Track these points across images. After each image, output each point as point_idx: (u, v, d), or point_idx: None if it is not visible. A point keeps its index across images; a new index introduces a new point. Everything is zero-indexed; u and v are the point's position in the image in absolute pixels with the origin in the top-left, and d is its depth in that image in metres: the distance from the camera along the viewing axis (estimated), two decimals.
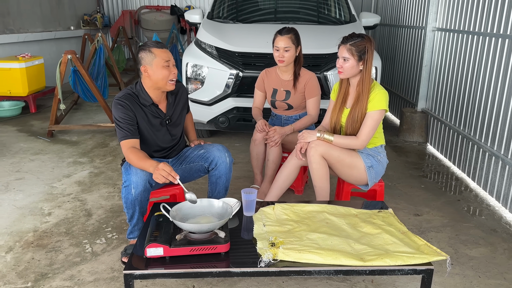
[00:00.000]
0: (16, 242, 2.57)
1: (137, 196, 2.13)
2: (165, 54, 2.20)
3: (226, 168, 2.44)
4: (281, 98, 3.07)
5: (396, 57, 5.70)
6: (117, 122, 2.20)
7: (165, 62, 2.19)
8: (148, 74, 2.21)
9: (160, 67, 2.18)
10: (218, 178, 2.45)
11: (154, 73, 2.20)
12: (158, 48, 2.19)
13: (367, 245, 1.80)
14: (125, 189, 2.14)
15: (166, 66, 2.19)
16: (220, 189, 2.49)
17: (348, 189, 2.65)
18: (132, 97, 2.25)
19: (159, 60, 2.18)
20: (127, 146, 2.17)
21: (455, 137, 3.90)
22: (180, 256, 1.69)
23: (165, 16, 9.46)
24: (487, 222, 2.88)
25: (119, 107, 2.20)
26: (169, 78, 2.22)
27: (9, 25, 6.40)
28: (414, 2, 5.07)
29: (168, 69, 2.20)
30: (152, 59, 2.18)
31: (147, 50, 2.18)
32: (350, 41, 2.39)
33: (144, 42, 2.30)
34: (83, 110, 5.94)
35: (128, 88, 2.30)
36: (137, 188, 2.12)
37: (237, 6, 4.80)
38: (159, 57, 2.17)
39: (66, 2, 8.19)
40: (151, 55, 2.17)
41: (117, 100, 2.23)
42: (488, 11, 3.38)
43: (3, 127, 5.00)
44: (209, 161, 2.43)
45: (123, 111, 2.20)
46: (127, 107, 2.21)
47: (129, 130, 2.19)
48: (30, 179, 3.50)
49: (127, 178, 2.13)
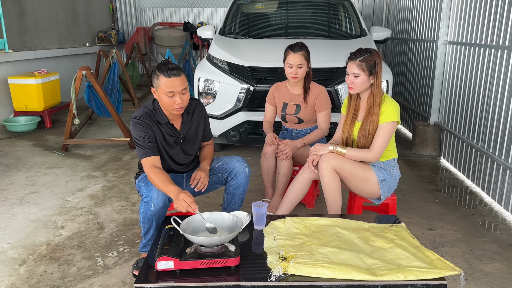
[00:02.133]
0: (30, 255, 2.60)
1: (156, 212, 2.14)
2: (170, 83, 2.11)
3: (245, 179, 2.46)
4: (292, 112, 3.08)
5: (408, 71, 5.69)
6: (136, 141, 2.21)
7: (169, 92, 2.12)
8: (157, 96, 2.21)
9: (163, 94, 2.15)
10: (235, 188, 2.46)
11: (160, 98, 2.18)
12: (165, 76, 2.11)
13: (379, 260, 1.78)
14: (144, 204, 2.14)
15: (170, 96, 2.14)
16: (236, 200, 2.50)
17: (360, 203, 2.63)
18: (149, 115, 2.25)
19: (163, 89, 2.13)
20: (148, 165, 2.17)
21: (468, 150, 3.86)
22: (190, 269, 1.69)
23: (178, 32, 9.62)
24: (502, 236, 2.83)
25: (138, 126, 2.21)
26: (172, 107, 2.18)
27: (27, 42, 6.57)
28: (425, 15, 5.07)
29: (171, 99, 2.14)
30: (158, 85, 2.15)
31: (156, 75, 2.15)
32: (359, 57, 2.39)
33: (162, 63, 2.19)
34: (97, 124, 6.03)
35: (145, 106, 2.30)
36: (157, 204, 2.13)
37: (248, 22, 4.87)
38: (164, 86, 2.12)
39: (81, 19, 8.39)
40: (158, 81, 2.14)
41: (135, 119, 2.23)
42: (500, 24, 3.36)
43: (19, 141, 5.10)
44: (228, 171, 2.45)
45: (142, 129, 2.20)
46: (145, 125, 2.21)
47: (149, 147, 2.20)
48: (44, 193, 3.55)
49: (148, 194, 2.13)
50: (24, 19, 6.52)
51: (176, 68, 2.15)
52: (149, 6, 10.37)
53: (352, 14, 4.83)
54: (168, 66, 2.13)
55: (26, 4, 6.56)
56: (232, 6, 5.02)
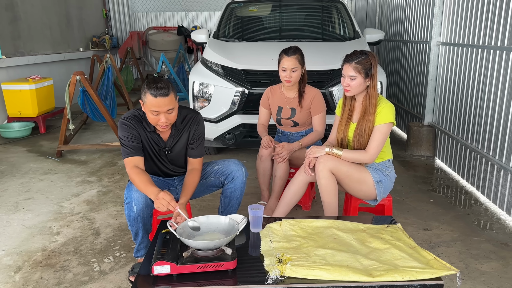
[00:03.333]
0: (25, 262, 2.58)
1: (139, 212, 2.14)
2: (156, 103, 2.04)
3: (242, 182, 2.45)
4: (287, 116, 3.09)
5: (402, 72, 5.72)
6: (121, 140, 2.21)
7: (153, 111, 2.07)
8: (144, 109, 2.16)
9: (149, 112, 2.11)
10: (233, 191, 2.46)
11: (146, 112, 2.14)
12: (152, 95, 2.04)
13: (375, 261, 1.78)
14: (126, 206, 2.15)
15: (155, 115, 2.09)
16: (233, 203, 2.49)
17: (356, 204, 2.64)
18: (138, 118, 2.24)
19: (148, 107, 2.08)
20: (130, 165, 2.16)
21: (463, 150, 3.88)
22: (187, 273, 1.68)
23: (172, 36, 9.62)
24: (498, 236, 2.84)
25: (123, 127, 2.20)
26: (156, 124, 2.14)
27: (20, 48, 6.55)
28: (418, 17, 5.11)
29: (156, 117, 2.10)
30: (144, 101, 2.10)
31: (144, 90, 2.08)
32: (355, 59, 2.39)
33: (153, 78, 2.10)
34: (91, 129, 6.01)
35: (135, 109, 2.29)
36: (138, 204, 2.13)
37: (242, 25, 4.87)
38: (149, 104, 2.06)
39: (75, 24, 8.37)
40: (145, 97, 2.08)
41: (122, 119, 2.23)
42: (492, 24, 3.39)
43: (13, 147, 5.07)
44: (226, 174, 2.44)
45: (127, 129, 2.20)
46: (131, 126, 2.20)
47: (132, 147, 2.18)
48: (39, 199, 3.53)
49: (128, 195, 2.14)
50: (17, 24, 6.50)
51: (165, 87, 2.05)
52: (142, 10, 10.37)
53: (345, 16, 4.86)
54: (157, 85, 2.04)
55: (19, 10, 6.54)
56: (226, 9, 5.02)
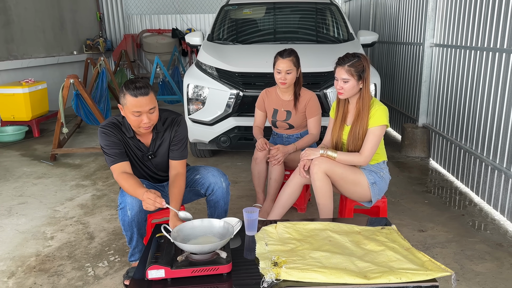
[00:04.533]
0: (19, 267, 2.56)
1: (133, 217, 2.13)
2: (137, 103, 2.01)
3: (223, 193, 2.39)
4: (282, 118, 3.09)
5: (396, 74, 5.74)
6: (103, 149, 2.17)
7: (135, 112, 2.04)
8: (123, 113, 2.12)
9: (129, 113, 2.06)
10: (216, 202, 2.42)
11: (127, 116, 2.10)
12: (132, 95, 2.01)
13: (370, 263, 1.78)
14: (121, 211, 2.13)
15: (137, 116, 2.05)
16: (219, 212, 2.45)
17: (351, 206, 2.64)
18: (115, 125, 2.19)
19: (129, 108, 2.04)
20: (117, 172, 2.13)
21: (457, 151, 3.90)
22: (182, 277, 1.67)
23: (167, 39, 9.60)
24: (492, 236, 2.85)
25: (103, 135, 2.16)
26: (139, 126, 2.10)
27: (13, 51, 6.51)
28: (411, 19, 5.13)
29: (138, 118, 2.06)
30: (124, 103, 2.06)
31: (123, 92, 2.05)
32: (347, 62, 2.40)
33: (129, 80, 2.08)
34: (86, 133, 5.98)
35: (113, 116, 2.24)
36: (132, 209, 2.11)
37: (236, 28, 4.88)
38: (130, 105, 2.03)
39: (69, 27, 8.34)
40: (124, 99, 2.04)
41: (100, 128, 2.18)
42: (484, 26, 3.41)
43: (6, 151, 5.03)
44: (205, 187, 2.38)
45: (107, 138, 2.15)
46: (110, 134, 2.16)
47: (116, 154, 2.14)
48: (33, 203, 3.51)
49: (122, 200, 2.12)
50: (10, 28, 6.46)
51: (144, 86, 2.04)
52: (137, 13, 10.35)
53: (339, 18, 4.87)
54: (136, 85, 2.02)
55: (12, 13, 6.50)
56: (220, 12, 5.02)
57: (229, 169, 4.24)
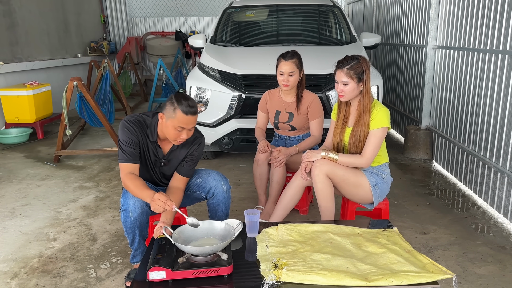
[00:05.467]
0: (21, 268, 2.57)
1: (135, 219, 2.13)
2: (186, 121, 2.04)
3: (224, 197, 2.39)
4: (284, 120, 3.09)
5: (398, 76, 5.73)
6: (120, 144, 2.17)
7: (180, 127, 2.06)
8: (162, 122, 2.13)
9: (171, 127, 2.07)
10: (216, 206, 2.42)
11: (166, 127, 2.10)
12: (183, 113, 2.03)
13: (372, 265, 1.78)
14: (123, 213, 2.14)
15: (178, 130, 2.09)
16: (220, 216, 2.45)
17: (353, 208, 2.64)
18: (141, 124, 2.20)
19: (175, 122, 2.05)
20: (125, 171, 2.13)
21: (460, 153, 3.89)
22: (183, 279, 1.68)
23: (170, 41, 9.64)
24: (495, 239, 2.84)
25: (125, 130, 2.16)
26: (174, 139, 2.13)
27: (18, 54, 6.55)
28: (414, 21, 5.13)
29: (179, 132, 2.09)
30: (170, 116, 2.06)
31: (173, 106, 2.04)
32: (346, 65, 2.40)
33: (182, 94, 2.09)
34: (89, 135, 6.01)
35: (143, 114, 2.24)
36: (134, 211, 2.12)
37: (239, 30, 4.89)
38: (178, 121, 2.04)
39: (73, 30, 8.39)
40: (173, 113, 2.04)
41: (125, 122, 2.17)
42: (487, 28, 3.41)
43: (11, 153, 5.06)
44: (206, 190, 2.39)
45: (128, 135, 2.15)
46: (133, 132, 2.16)
47: (130, 153, 2.15)
48: (36, 205, 3.52)
49: (125, 202, 2.13)
50: (15, 30, 6.50)
51: (195, 106, 2.08)
52: (140, 15, 10.39)
53: (342, 20, 4.88)
54: (189, 103, 2.04)
55: (16, 16, 6.55)
56: (223, 14, 5.04)
57: (231, 171, 4.25)
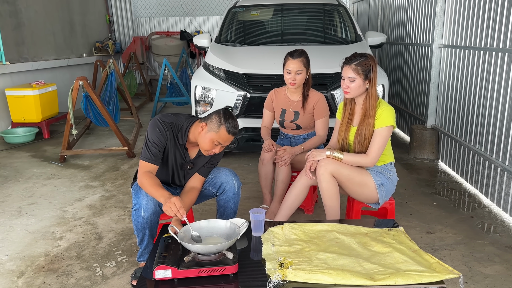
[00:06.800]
0: (28, 267, 2.59)
1: (147, 219, 2.14)
2: (226, 138, 2.12)
3: (234, 193, 2.42)
4: (290, 119, 3.09)
5: (404, 75, 5.71)
6: (147, 141, 2.16)
7: (218, 142, 2.13)
8: (200, 131, 2.16)
9: (210, 140, 2.12)
10: (226, 202, 2.43)
11: (203, 137, 2.13)
12: (227, 131, 2.10)
13: (377, 264, 1.77)
14: (135, 212, 2.14)
15: (216, 145, 2.14)
16: (228, 213, 2.47)
17: (358, 208, 2.63)
18: (174, 127, 2.21)
19: (215, 137, 2.11)
20: (144, 169, 2.14)
21: (466, 153, 3.86)
22: (188, 278, 1.68)
23: (175, 41, 9.65)
24: (502, 239, 2.82)
25: (156, 130, 2.15)
26: (206, 150, 2.17)
27: (24, 54, 6.59)
28: (419, 20, 5.11)
29: (214, 147, 2.15)
30: (213, 130, 2.11)
31: (220, 122, 2.10)
32: (354, 61, 2.40)
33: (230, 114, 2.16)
34: (95, 134, 6.03)
35: (179, 116, 2.25)
36: (147, 211, 2.13)
37: (244, 30, 4.89)
38: (219, 137, 2.11)
39: (78, 30, 8.42)
40: (218, 128, 2.10)
41: (158, 121, 2.17)
42: (493, 26, 3.39)
43: (17, 153, 5.09)
44: (217, 186, 2.41)
45: (159, 135, 2.15)
46: (164, 133, 2.16)
47: (155, 154, 2.15)
48: (43, 204, 3.54)
49: (138, 201, 2.14)
50: (21, 30, 6.54)
51: (237, 126, 2.16)
52: (145, 15, 10.42)
53: (347, 19, 4.87)
54: (235, 124, 2.13)
55: (22, 16, 6.58)
56: (228, 14, 5.04)
57: (236, 170, 4.25)
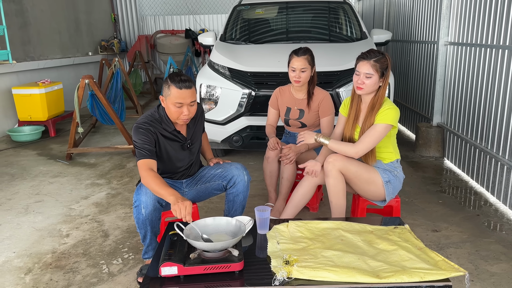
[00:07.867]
0: (35, 264, 2.61)
1: (147, 215, 2.15)
2: (180, 95, 2.15)
3: (244, 186, 2.46)
4: (295, 117, 3.09)
5: (410, 72, 5.69)
6: (135, 144, 2.22)
7: (177, 103, 2.16)
8: (164, 105, 2.24)
9: (171, 104, 2.18)
10: (235, 196, 2.46)
11: (167, 107, 2.22)
12: (177, 87, 2.14)
13: (383, 262, 1.77)
14: (135, 209, 2.16)
15: (178, 107, 2.18)
16: (237, 207, 2.50)
17: (364, 206, 2.63)
18: (155, 121, 2.27)
19: (172, 100, 2.16)
20: (145, 167, 2.16)
21: (472, 151, 3.85)
22: (194, 275, 1.69)
23: (180, 39, 9.66)
24: (508, 237, 2.81)
25: (139, 130, 2.22)
26: (178, 117, 2.22)
27: (30, 53, 6.63)
28: (425, 17, 5.08)
29: (179, 109, 2.18)
30: (167, 95, 2.18)
31: (167, 84, 2.17)
32: (373, 57, 2.36)
33: (174, 73, 2.21)
34: (101, 133, 6.06)
35: (151, 112, 2.31)
36: (147, 208, 2.14)
37: (248, 28, 4.89)
38: (173, 96, 2.15)
39: (84, 29, 8.46)
40: (168, 91, 2.17)
41: (138, 124, 2.25)
42: (500, 23, 3.36)
43: (23, 151, 5.13)
44: (227, 179, 2.45)
45: (142, 133, 2.21)
46: (147, 129, 2.22)
47: (147, 150, 2.19)
48: (49, 201, 3.57)
49: (137, 198, 2.16)
50: (27, 30, 6.58)
51: (188, 80, 2.17)
52: (150, 14, 10.44)
53: (352, 17, 4.85)
54: (181, 78, 2.15)
55: (28, 15, 6.62)
56: (233, 12, 5.04)
57: None
